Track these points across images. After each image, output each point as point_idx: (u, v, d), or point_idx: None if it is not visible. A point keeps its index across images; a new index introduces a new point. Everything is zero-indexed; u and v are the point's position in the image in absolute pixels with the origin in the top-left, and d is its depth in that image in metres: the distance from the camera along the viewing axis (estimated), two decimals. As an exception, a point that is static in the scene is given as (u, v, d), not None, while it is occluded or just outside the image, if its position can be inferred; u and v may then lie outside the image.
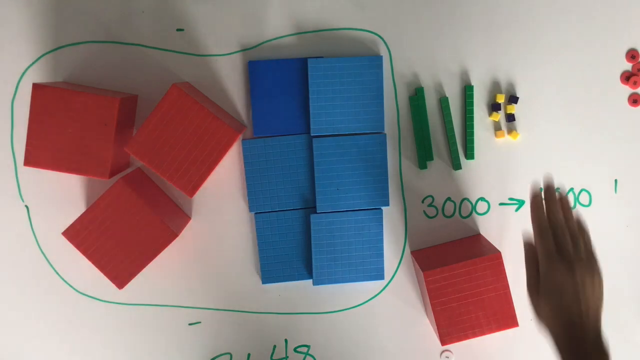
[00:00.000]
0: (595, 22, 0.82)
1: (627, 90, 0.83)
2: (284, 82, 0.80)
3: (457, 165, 0.82)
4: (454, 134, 0.82)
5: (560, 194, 0.71)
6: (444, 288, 0.75)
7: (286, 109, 0.80)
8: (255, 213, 0.81)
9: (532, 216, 0.69)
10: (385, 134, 0.81)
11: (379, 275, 0.83)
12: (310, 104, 0.79)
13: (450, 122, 0.82)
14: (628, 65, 0.83)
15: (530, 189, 0.71)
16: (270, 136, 0.80)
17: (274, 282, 0.82)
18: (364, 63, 0.79)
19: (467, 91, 0.81)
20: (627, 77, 0.83)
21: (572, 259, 0.66)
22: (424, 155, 0.82)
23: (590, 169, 0.84)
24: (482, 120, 0.82)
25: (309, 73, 0.78)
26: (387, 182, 0.82)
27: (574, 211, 0.71)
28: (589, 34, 0.82)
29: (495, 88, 0.82)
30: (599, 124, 0.83)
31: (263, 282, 0.82)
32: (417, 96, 0.81)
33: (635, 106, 0.83)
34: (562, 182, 0.84)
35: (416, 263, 0.81)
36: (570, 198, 0.84)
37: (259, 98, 0.79)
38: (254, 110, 0.80)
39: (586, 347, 0.63)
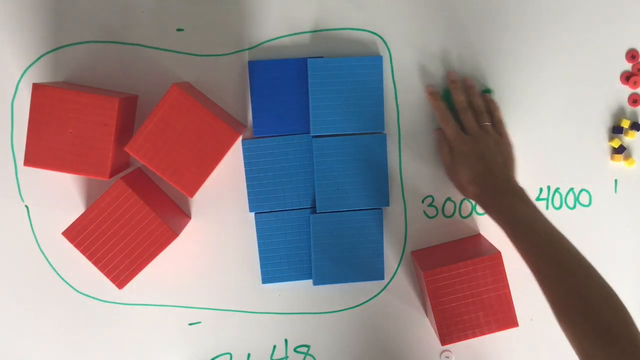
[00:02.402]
0: (595, 22, 0.82)
1: (627, 90, 0.83)
2: (284, 82, 0.79)
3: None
4: None
5: (463, 78, 0.81)
6: (444, 288, 0.75)
7: (286, 109, 0.80)
8: (255, 213, 0.81)
9: (432, 106, 0.80)
10: (385, 134, 0.81)
11: (379, 275, 0.83)
12: (310, 104, 0.79)
13: None
14: (628, 65, 0.83)
15: (427, 87, 0.81)
16: (270, 136, 0.80)
17: (274, 282, 0.82)
18: (364, 63, 0.79)
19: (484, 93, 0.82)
20: (627, 77, 0.83)
21: (475, 131, 0.78)
22: None
23: (590, 169, 0.84)
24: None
25: (309, 73, 0.78)
26: (387, 182, 0.82)
27: (482, 93, 0.82)
28: (589, 34, 0.82)
29: (496, 88, 0.82)
30: (598, 124, 0.83)
31: (263, 282, 0.82)
32: (443, 97, 0.82)
33: (635, 106, 0.83)
34: (562, 182, 0.84)
35: (416, 263, 0.81)
36: (570, 198, 0.84)
37: (259, 98, 0.79)
38: (253, 110, 0.80)
39: (501, 191, 0.74)
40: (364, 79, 0.79)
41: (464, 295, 0.75)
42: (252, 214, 0.82)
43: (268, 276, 0.82)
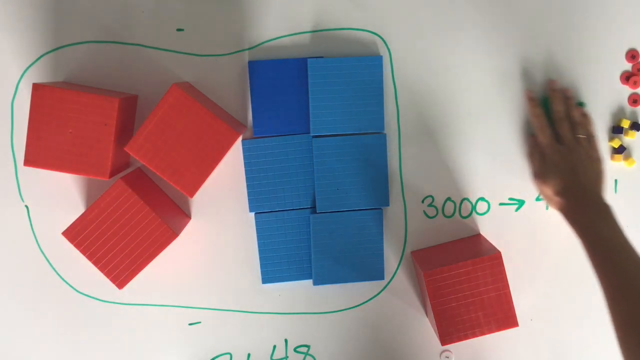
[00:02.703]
0: (595, 22, 0.82)
1: (627, 90, 0.83)
2: (284, 82, 0.79)
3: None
4: None
5: (563, 88, 0.81)
6: (444, 288, 0.75)
7: (286, 109, 0.80)
8: (256, 213, 0.81)
9: (529, 113, 0.81)
10: (385, 134, 0.81)
11: (379, 275, 0.83)
12: (310, 104, 0.79)
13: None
14: (628, 65, 0.83)
15: (526, 91, 0.81)
16: (270, 136, 0.80)
17: (274, 282, 0.82)
18: (364, 63, 0.79)
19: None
20: (627, 77, 0.83)
21: (570, 142, 0.77)
22: None
23: (590, 169, 0.84)
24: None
25: (309, 73, 0.78)
26: (387, 182, 0.82)
27: (579, 105, 0.82)
28: (589, 34, 0.82)
29: (496, 88, 0.82)
30: (598, 124, 0.83)
31: (263, 282, 0.82)
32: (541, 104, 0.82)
33: (635, 106, 0.83)
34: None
35: (416, 263, 0.81)
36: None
37: (259, 98, 0.79)
38: (254, 110, 0.80)
39: (588, 207, 0.73)
40: (364, 79, 0.79)
41: (464, 295, 0.75)
42: (252, 214, 0.82)
43: (268, 276, 0.82)
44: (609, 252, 0.69)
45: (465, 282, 0.75)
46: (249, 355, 0.85)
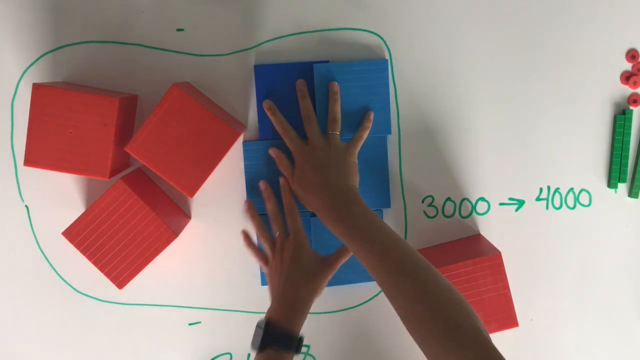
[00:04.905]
0: (595, 22, 0.82)
1: (627, 90, 0.83)
2: (290, 86, 0.79)
3: (635, 193, 0.83)
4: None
5: (330, 83, 0.78)
6: None
7: (292, 113, 0.80)
8: None
9: (273, 122, 0.79)
10: (386, 137, 0.81)
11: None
12: (316, 108, 0.79)
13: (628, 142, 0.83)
14: (628, 65, 0.83)
15: (265, 102, 0.79)
16: (273, 139, 0.80)
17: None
18: (369, 67, 0.79)
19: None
20: (627, 77, 0.83)
21: (314, 141, 0.76)
22: (616, 176, 0.83)
23: (590, 169, 0.84)
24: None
25: (315, 78, 0.78)
26: (388, 185, 0.82)
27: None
28: (589, 34, 0.82)
29: (496, 88, 0.82)
30: (599, 124, 0.83)
31: (263, 284, 0.82)
32: (624, 116, 0.82)
33: (635, 106, 0.83)
34: (562, 182, 0.84)
35: None
36: (570, 198, 0.84)
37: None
38: (259, 114, 0.80)
39: (336, 199, 0.72)
40: (369, 83, 0.79)
41: (465, 295, 0.75)
42: None
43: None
44: (364, 240, 0.67)
45: (466, 282, 0.75)
46: (249, 355, 0.85)
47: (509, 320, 0.76)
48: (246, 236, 0.81)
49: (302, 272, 0.74)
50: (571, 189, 0.84)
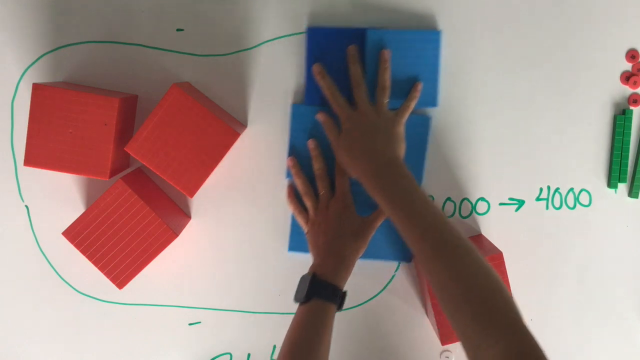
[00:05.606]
0: (595, 22, 0.82)
1: (627, 90, 0.83)
2: (340, 52, 0.78)
3: (635, 193, 0.83)
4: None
5: (382, 50, 0.77)
6: None
7: (341, 79, 0.78)
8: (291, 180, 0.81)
9: (321, 87, 0.78)
10: (429, 117, 0.80)
11: (406, 256, 0.82)
12: (366, 75, 0.77)
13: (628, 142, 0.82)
14: (628, 65, 0.83)
15: (315, 67, 0.78)
16: (319, 105, 0.79)
17: (300, 252, 0.82)
18: (422, 37, 0.78)
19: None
20: (627, 77, 0.83)
21: (362, 107, 0.75)
22: (617, 176, 0.83)
23: (590, 169, 0.84)
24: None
25: (367, 44, 0.77)
26: (423, 167, 0.81)
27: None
28: (589, 34, 0.82)
29: (496, 88, 0.82)
30: (599, 124, 0.83)
31: (289, 250, 0.82)
32: (624, 116, 0.82)
33: (635, 106, 0.83)
34: (562, 182, 0.84)
35: (418, 262, 0.81)
36: (570, 198, 0.84)
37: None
38: (308, 78, 0.79)
39: (384, 169, 0.71)
40: (420, 53, 0.78)
41: None
42: (287, 179, 0.81)
43: (295, 244, 0.82)
44: (408, 213, 0.67)
45: None
46: (249, 355, 0.85)
47: (509, 320, 0.76)
48: (292, 191, 0.81)
49: (349, 230, 0.75)
50: (571, 189, 0.84)
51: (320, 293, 0.70)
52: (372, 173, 0.72)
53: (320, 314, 0.70)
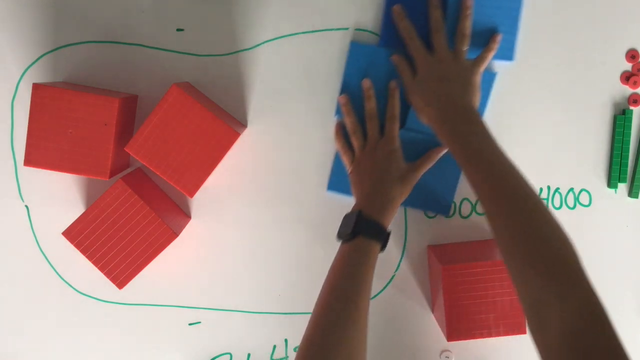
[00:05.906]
0: (595, 22, 0.82)
1: (627, 90, 0.83)
2: None
3: (635, 194, 0.83)
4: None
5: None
6: (459, 284, 0.74)
7: (420, 25, 0.77)
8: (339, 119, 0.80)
9: (399, 28, 0.77)
10: (496, 73, 0.80)
11: (444, 209, 0.82)
12: (446, 22, 0.76)
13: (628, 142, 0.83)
14: (628, 65, 0.83)
15: (394, 8, 0.77)
16: (392, 47, 0.78)
17: (338, 192, 0.81)
18: None
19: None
20: (627, 77, 0.83)
21: (441, 53, 0.75)
22: (617, 176, 0.83)
23: (590, 169, 0.84)
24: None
25: None
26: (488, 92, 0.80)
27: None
28: (589, 34, 0.82)
29: (497, 87, 0.82)
30: (599, 124, 0.83)
31: (329, 189, 0.81)
32: (624, 116, 0.82)
33: (635, 106, 0.83)
34: (562, 182, 0.84)
35: (433, 257, 0.80)
36: (570, 198, 0.84)
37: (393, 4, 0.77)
38: (385, 19, 0.78)
39: (457, 116, 0.71)
40: (502, 4, 0.78)
41: (478, 295, 0.75)
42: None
43: (335, 184, 0.81)
44: (481, 162, 0.67)
45: (481, 282, 0.75)
46: (249, 355, 0.85)
47: (518, 326, 0.75)
48: (340, 128, 0.80)
49: (396, 174, 0.75)
50: (571, 189, 0.84)
51: (367, 230, 0.69)
52: (446, 120, 0.71)
53: (367, 251, 0.68)
